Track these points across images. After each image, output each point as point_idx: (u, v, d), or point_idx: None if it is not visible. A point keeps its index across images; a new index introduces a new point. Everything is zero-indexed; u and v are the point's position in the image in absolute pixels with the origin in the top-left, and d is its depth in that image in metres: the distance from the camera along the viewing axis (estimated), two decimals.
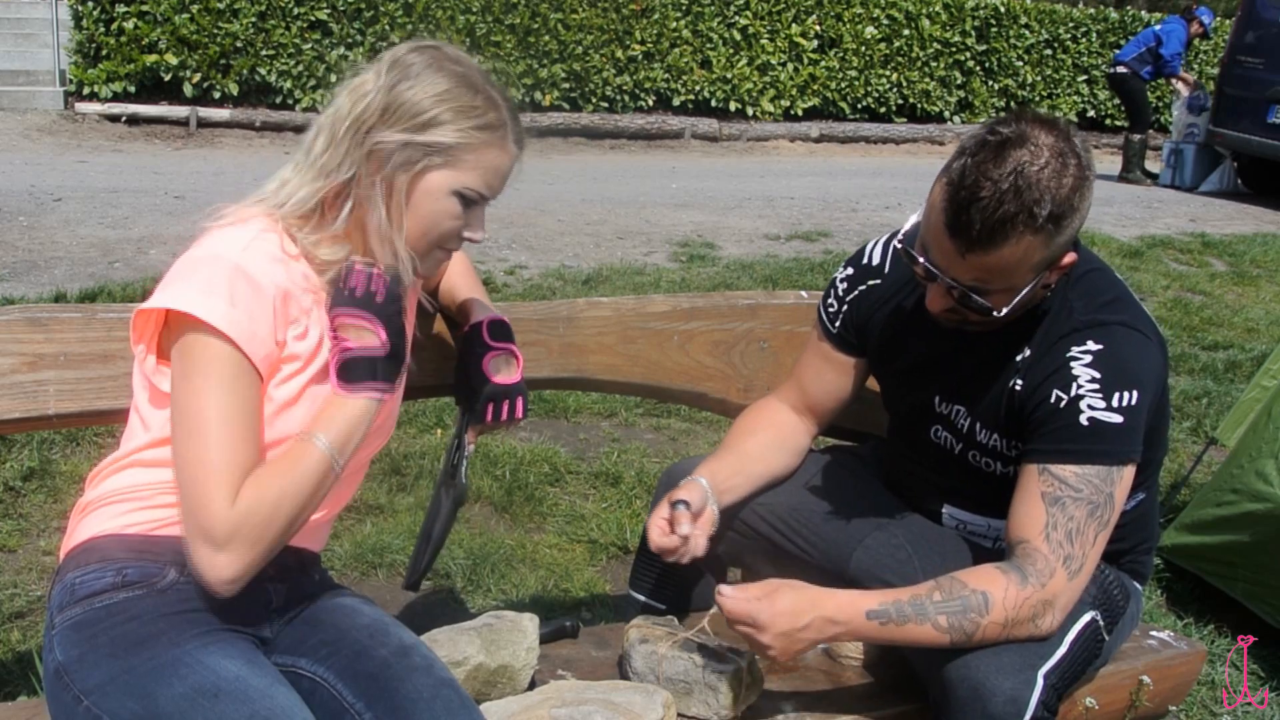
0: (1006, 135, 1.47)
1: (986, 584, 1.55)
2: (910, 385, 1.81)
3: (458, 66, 1.45)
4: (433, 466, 3.34)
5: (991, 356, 1.69)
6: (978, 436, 1.73)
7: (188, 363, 1.35)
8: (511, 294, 5.21)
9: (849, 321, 1.87)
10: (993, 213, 1.45)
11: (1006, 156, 1.46)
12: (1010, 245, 1.48)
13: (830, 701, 1.73)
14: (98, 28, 9.25)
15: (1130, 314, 1.65)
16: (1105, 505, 1.57)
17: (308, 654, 1.42)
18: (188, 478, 1.33)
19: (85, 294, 4.59)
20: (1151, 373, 1.61)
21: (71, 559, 1.44)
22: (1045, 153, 1.46)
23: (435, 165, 1.42)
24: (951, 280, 1.54)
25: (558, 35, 10.78)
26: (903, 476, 1.91)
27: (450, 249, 1.50)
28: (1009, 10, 13.46)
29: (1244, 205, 10.20)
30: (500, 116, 1.45)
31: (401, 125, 1.41)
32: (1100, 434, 1.56)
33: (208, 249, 1.39)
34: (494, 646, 1.62)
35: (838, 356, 1.90)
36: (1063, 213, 1.48)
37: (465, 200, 1.45)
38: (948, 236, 1.50)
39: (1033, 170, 1.45)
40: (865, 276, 1.86)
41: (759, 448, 1.90)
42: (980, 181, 1.45)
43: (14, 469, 3.11)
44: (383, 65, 1.44)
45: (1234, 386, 4.66)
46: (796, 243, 6.95)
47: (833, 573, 1.83)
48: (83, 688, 1.31)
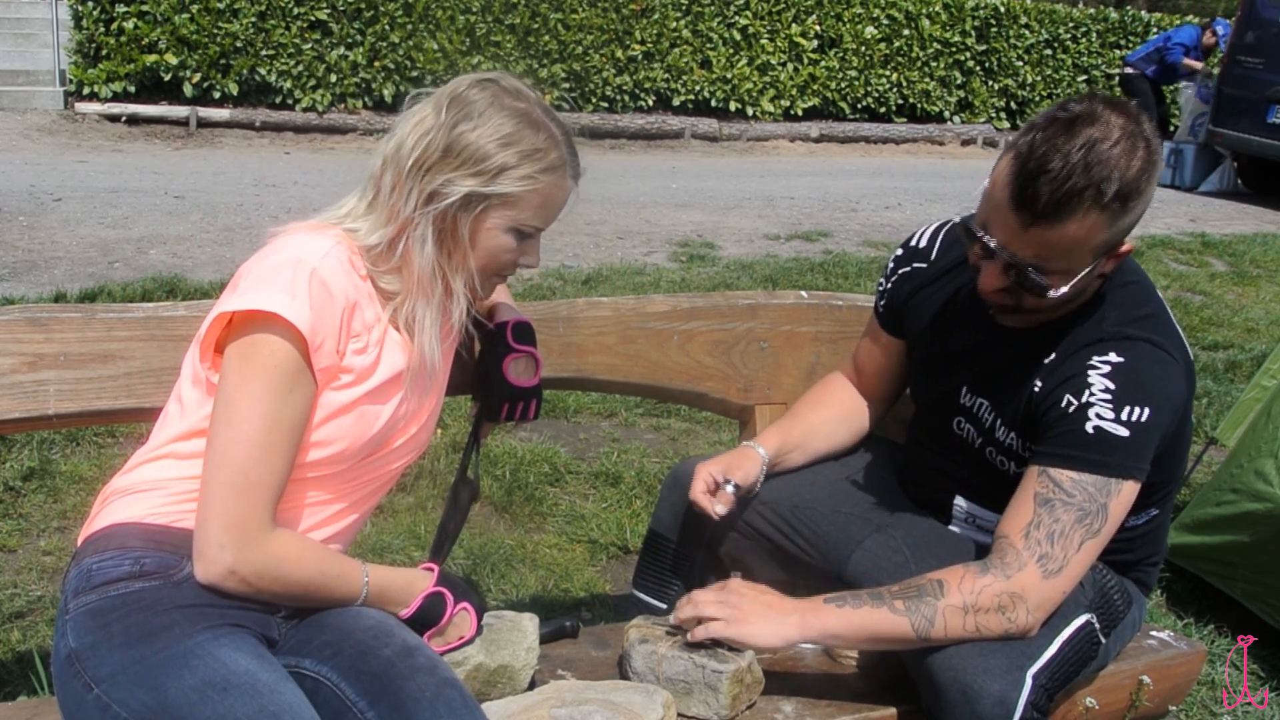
0: (1078, 112, 1.47)
1: (944, 574, 1.59)
2: (939, 374, 1.82)
3: (519, 103, 1.48)
4: (432, 466, 3.35)
5: (1021, 355, 1.69)
6: (997, 434, 1.73)
7: (248, 362, 1.37)
8: (512, 294, 5.20)
9: (891, 302, 1.90)
10: (1061, 185, 1.45)
11: (1078, 132, 1.46)
12: (1076, 221, 1.47)
13: (830, 701, 1.73)
14: (98, 28, 9.25)
15: (1161, 333, 1.63)
16: (1097, 515, 1.56)
17: (312, 654, 1.43)
18: (220, 479, 1.36)
19: (85, 294, 4.59)
20: (1169, 395, 1.59)
21: (90, 544, 1.45)
22: (1116, 132, 1.46)
23: (495, 205, 1.46)
24: (1011, 256, 1.53)
25: (558, 35, 10.78)
26: (918, 466, 1.91)
27: (504, 274, 1.57)
28: (1009, 10, 13.46)
29: (1244, 205, 10.20)
30: (561, 155, 1.50)
31: (466, 170, 1.44)
32: (1104, 444, 1.56)
33: (289, 253, 1.41)
34: (494, 646, 1.62)
35: (883, 337, 1.94)
36: (1129, 193, 1.47)
37: (522, 235, 1.51)
38: (1012, 209, 1.49)
39: (1104, 147, 1.45)
40: (911, 258, 1.88)
41: (825, 423, 1.96)
42: (1050, 154, 1.45)
43: (14, 469, 3.11)
44: (443, 101, 1.46)
45: (1234, 386, 4.66)
46: (796, 243, 6.95)
47: (831, 574, 1.83)
48: (94, 675, 1.31)
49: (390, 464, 1.59)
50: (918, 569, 1.70)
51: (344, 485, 1.53)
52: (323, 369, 1.41)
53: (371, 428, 1.49)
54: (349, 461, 1.50)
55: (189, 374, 1.49)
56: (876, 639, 1.60)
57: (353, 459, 1.50)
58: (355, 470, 1.53)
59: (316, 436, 1.44)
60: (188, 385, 1.49)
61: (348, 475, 1.52)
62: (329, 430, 1.45)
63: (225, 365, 1.39)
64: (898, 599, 1.57)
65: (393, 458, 1.59)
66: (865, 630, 1.59)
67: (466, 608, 1.59)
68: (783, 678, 1.77)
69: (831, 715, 1.69)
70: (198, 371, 1.46)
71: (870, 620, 1.57)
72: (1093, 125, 1.46)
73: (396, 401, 1.53)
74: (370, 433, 1.49)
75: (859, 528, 1.84)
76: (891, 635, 1.58)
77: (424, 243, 1.46)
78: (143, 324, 1.65)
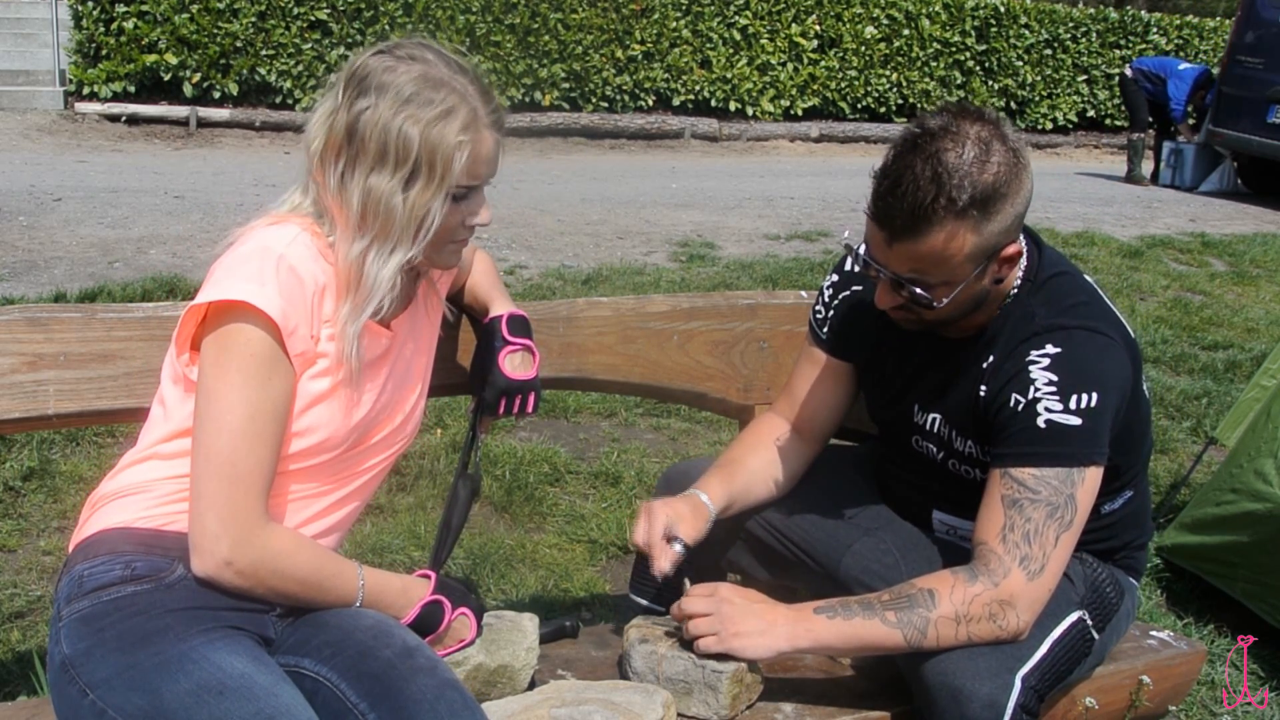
0: (931, 127, 1.51)
1: (934, 583, 1.59)
2: (890, 396, 1.83)
3: (415, 66, 1.41)
4: (432, 466, 3.35)
5: (960, 364, 1.70)
6: (955, 444, 1.74)
7: (224, 353, 1.37)
8: (511, 294, 5.15)
9: (835, 326, 1.89)
10: (912, 199, 1.48)
11: (926, 146, 1.50)
12: (935, 232, 1.50)
13: (830, 701, 1.73)
14: (98, 27, 9.25)
15: (1094, 317, 1.64)
16: (1066, 506, 1.57)
17: (311, 654, 1.43)
18: (209, 471, 1.36)
19: (85, 294, 4.59)
20: (1114, 375, 1.60)
21: (80, 551, 1.44)
22: (968, 141, 1.49)
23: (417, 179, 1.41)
24: (891, 273, 1.57)
25: (558, 35, 10.78)
26: (892, 484, 1.92)
27: (459, 239, 1.51)
28: (1009, 10, 13.46)
29: (1244, 205, 10.20)
30: (471, 108, 1.42)
31: (369, 159, 1.39)
32: (1058, 436, 1.56)
33: (255, 243, 1.41)
34: (494, 646, 1.62)
35: (831, 363, 1.90)
36: (987, 198, 1.50)
37: (456, 197, 1.45)
38: (876, 227, 1.55)
39: (951, 157, 1.48)
40: (849, 282, 1.88)
41: (766, 466, 1.89)
42: (901, 171, 1.50)
43: (14, 469, 3.11)
44: (341, 80, 1.43)
45: (1234, 386, 4.66)
46: (796, 243, 6.95)
47: (826, 578, 1.83)
48: (89, 681, 1.31)
49: (378, 454, 1.58)
50: (908, 571, 1.71)
51: (333, 476, 1.53)
52: (298, 354, 1.41)
53: (353, 415, 1.49)
54: (334, 451, 1.49)
55: (169, 373, 1.49)
56: (867, 649, 1.60)
57: (338, 448, 1.50)
58: (343, 460, 1.52)
59: (298, 426, 1.44)
60: (168, 385, 1.49)
61: (335, 466, 1.52)
62: (310, 418, 1.45)
63: (202, 359, 1.39)
64: (889, 609, 1.57)
65: (380, 447, 1.58)
66: (856, 641, 1.60)
67: (465, 612, 1.59)
68: (782, 678, 1.77)
69: (831, 715, 1.70)
70: (176, 369, 1.46)
71: (861, 631, 1.58)
72: (944, 138, 1.49)
73: (377, 388, 1.53)
74: (352, 420, 1.49)
75: (848, 532, 1.85)
76: (883, 646, 1.58)
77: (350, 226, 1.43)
78: (143, 324, 1.65)
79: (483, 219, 1.50)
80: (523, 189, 8.00)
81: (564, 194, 7.95)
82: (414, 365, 1.62)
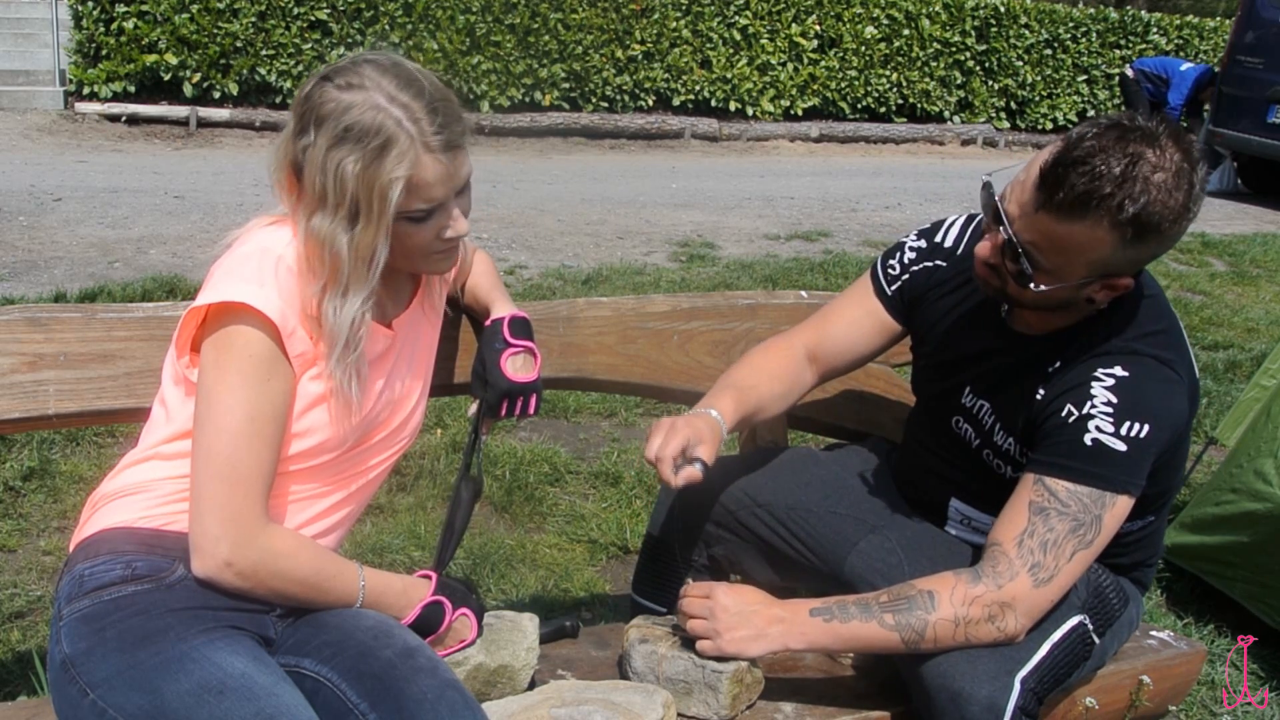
0: (1142, 127, 1.45)
1: (935, 584, 1.57)
2: (944, 373, 1.81)
3: (351, 96, 1.36)
4: (432, 466, 3.35)
5: (1027, 361, 1.68)
6: (995, 437, 1.72)
7: (224, 355, 1.37)
8: (512, 294, 5.16)
9: (905, 290, 1.86)
10: (1088, 183, 1.43)
11: (1133, 144, 1.44)
12: (1084, 224, 1.45)
13: (830, 701, 1.73)
14: (98, 27, 9.25)
15: (1169, 350, 1.61)
16: (1091, 526, 1.55)
17: (311, 654, 1.43)
18: (209, 472, 1.36)
19: (85, 294, 4.59)
20: (1171, 413, 1.58)
21: (81, 550, 1.45)
22: (1169, 164, 1.44)
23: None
24: (1013, 232, 1.51)
25: (558, 35, 10.77)
26: (914, 465, 1.90)
27: (439, 250, 1.48)
28: (1009, 10, 13.45)
29: (1244, 205, 10.20)
30: (408, 137, 1.35)
31: (313, 199, 1.38)
32: (1100, 457, 1.55)
33: (254, 244, 1.42)
34: (494, 646, 1.62)
35: (881, 314, 1.87)
36: (1148, 225, 1.45)
37: (416, 220, 1.42)
38: (1036, 185, 1.48)
39: (1146, 168, 1.43)
40: (934, 254, 1.85)
41: (775, 400, 1.85)
42: (1095, 151, 1.43)
43: (14, 469, 3.11)
44: (293, 109, 1.41)
45: (1234, 386, 4.67)
46: (796, 243, 6.95)
47: (829, 576, 1.83)
48: (89, 680, 1.31)
49: (379, 454, 1.59)
50: (911, 570, 1.70)
51: (334, 477, 1.53)
52: (297, 355, 1.41)
53: (353, 416, 1.49)
54: (334, 451, 1.49)
55: (169, 375, 1.49)
56: (863, 650, 1.60)
57: (338, 448, 1.50)
58: (344, 461, 1.53)
59: (298, 427, 1.44)
60: (169, 386, 1.49)
61: (336, 466, 1.52)
62: (310, 420, 1.45)
63: (202, 361, 1.39)
64: (887, 612, 1.56)
65: (381, 447, 1.58)
66: (853, 643, 1.60)
67: (466, 613, 1.59)
68: (782, 678, 1.77)
69: (831, 715, 1.70)
70: (177, 371, 1.46)
71: (858, 634, 1.57)
72: (1151, 147, 1.44)
73: (377, 389, 1.53)
74: (352, 421, 1.49)
75: (854, 529, 1.84)
76: (880, 648, 1.58)
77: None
78: (143, 324, 1.65)
79: (457, 230, 1.45)
80: (523, 189, 8.00)
81: (564, 194, 7.95)
82: (415, 365, 1.62)
